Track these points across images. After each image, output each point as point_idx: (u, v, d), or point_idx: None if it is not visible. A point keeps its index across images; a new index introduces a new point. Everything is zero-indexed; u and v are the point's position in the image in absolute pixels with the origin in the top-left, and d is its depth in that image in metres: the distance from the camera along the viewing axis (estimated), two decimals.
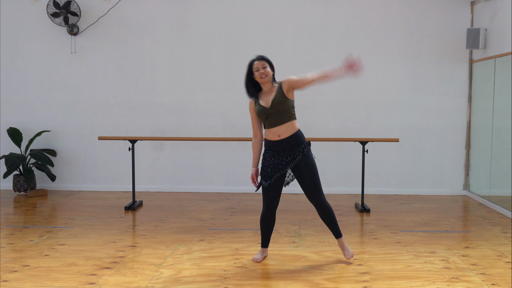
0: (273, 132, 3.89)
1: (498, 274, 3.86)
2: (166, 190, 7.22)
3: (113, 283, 3.62)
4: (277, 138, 3.88)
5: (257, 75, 3.87)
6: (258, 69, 3.87)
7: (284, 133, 3.87)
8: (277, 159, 3.90)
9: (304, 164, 3.89)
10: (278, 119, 3.86)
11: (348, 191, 7.04)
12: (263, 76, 3.86)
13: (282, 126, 3.87)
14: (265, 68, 3.87)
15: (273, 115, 3.86)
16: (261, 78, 3.86)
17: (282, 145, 3.88)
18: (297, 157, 3.88)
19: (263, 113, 3.88)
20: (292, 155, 3.89)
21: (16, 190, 6.96)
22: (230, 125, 7.07)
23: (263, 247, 4.20)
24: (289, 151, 3.89)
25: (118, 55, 7.14)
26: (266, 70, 3.87)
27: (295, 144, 3.90)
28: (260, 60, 3.89)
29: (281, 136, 3.87)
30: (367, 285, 3.63)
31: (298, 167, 3.90)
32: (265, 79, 3.87)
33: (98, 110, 7.20)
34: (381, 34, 6.96)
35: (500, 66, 6.06)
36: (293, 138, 3.90)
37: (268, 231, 4.14)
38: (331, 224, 4.08)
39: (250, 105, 4.00)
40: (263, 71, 3.86)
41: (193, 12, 7.04)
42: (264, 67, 3.87)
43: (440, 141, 7.05)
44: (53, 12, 6.90)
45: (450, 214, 5.93)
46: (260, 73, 3.86)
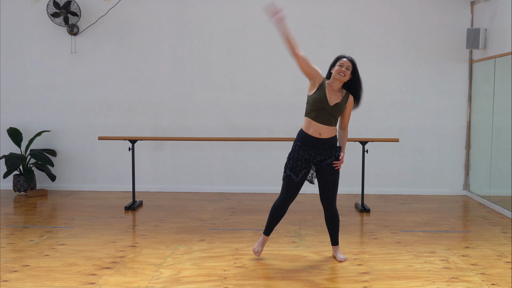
0: (316, 128, 3.92)
1: (498, 274, 3.86)
2: (166, 190, 7.22)
3: (113, 283, 3.62)
4: (317, 136, 3.93)
5: (337, 69, 3.91)
6: (342, 66, 3.91)
7: (326, 133, 3.94)
8: (309, 155, 3.95)
9: (331, 168, 3.98)
10: (327, 119, 3.92)
11: (348, 191, 7.04)
12: (342, 74, 3.90)
13: (327, 127, 3.93)
14: (348, 70, 3.92)
15: (326, 113, 3.90)
16: (338, 74, 3.90)
17: (319, 143, 3.94)
18: (328, 159, 3.97)
19: (320, 103, 3.89)
20: (325, 155, 3.96)
21: (16, 190, 6.96)
22: (230, 125, 7.07)
23: (265, 235, 4.20)
24: (323, 150, 3.95)
25: (118, 55, 7.14)
26: (348, 72, 3.92)
27: (330, 146, 3.98)
28: (349, 61, 3.94)
29: (322, 135, 3.93)
30: (367, 285, 3.63)
31: (324, 169, 3.98)
32: (341, 78, 3.91)
33: (98, 110, 7.20)
34: (381, 34, 6.96)
35: (500, 66, 6.06)
36: (331, 141, 3.98)
37: (276, 221, 4.15)
38: (333, 231, 4.17)
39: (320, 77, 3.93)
40: (345, 71, 3.91)
41: (193, 12, 7.04)
42: (347, 68, 3.92)
43: (440, 141, 7.05)
44: (53, 12, 6.90)
45: (450, 214, 5.93)
46: (342, 71, 3.90)
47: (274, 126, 7.04)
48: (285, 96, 7.04)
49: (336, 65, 3.96)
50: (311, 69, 3.94)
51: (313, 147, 3.94)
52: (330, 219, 4.12)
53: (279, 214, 4.11)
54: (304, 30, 6.96)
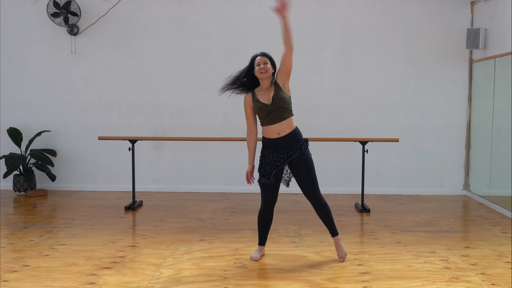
0: (272, 130, 3.91)
1: (498, 274, 3.86)
2: (166, 190, 7.22)
3: (113, 283, 3.62)
4: (276, 136, 3.91)
5: (257, 70, 3.92)
6: (259, 64, 3.92)
7: (283, 130, 3.91)
8: (275, 156, 3.94)
9: (302, 161, 3.93)
10: (278, 116, 3.89)
11: (348, 191, 7.04)
12: (263, 71, 3.90)
13: (282, 123, 3.90)
14: (266, 64, 3.92)
15: (274, 112, 3.89)
16: (260, 73, 3.91)
17: (281, 142, 3.92)
18: (294, 154, 3.92)
19: (264, 110, 3.90)
20: (290, 152, 3.93)
21: (16, 190, 6.96)
22: (230, 125, 7.07)
23: (260, 245, 4.22)
24: (287, 148, 3.92)
25: (118, 55, 7.14)
26: (267, 66, 3.92)
27: (294, 141, 3.94)
28: (262, 56, 3.96)
29: (280, 133, 3.91)
30: (367, 285, 3.63)
31: (295, 163, 3.94)
32: (264, 75, 3.91)
33: (98, 110, 7.20)
34: (381, 34, 6.96)
35: (500, 66, 6.06)
36: (292, 136, 3.93)
37: (265, 229, 4.17)
38: (327, 221, 4.12)
39: (246, 101, 4.02)
40: (264, 67, 3.90)
41: (193, 12, 7.04)
42: (265, 63, 3.92)
43: (440, 141, 7.05)
44: (53, 12, 6.90)
45: (450, 214, 5.93)
46: (261, 68, 3.90)
47: None
48: None
49: (254, 67, 3.95)
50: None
51: (276, 148, 3.93)
52: (320, 211, 4.07)
53: (265, 222, 4.13)
54: (304, 30, 6.96)
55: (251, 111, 4.02)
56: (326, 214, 4.08)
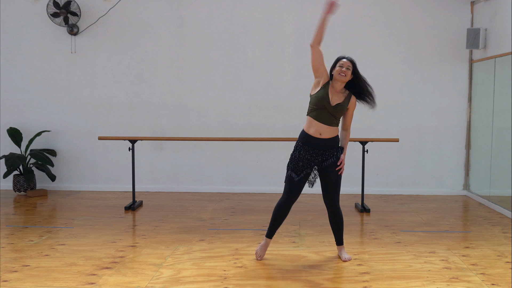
0: (317, 128, 3.93)
1: (498, 274, 3.86)
2: (166, 190, 7.22)
3: (113, 283, 3.62)
4: (318, 136, 3.94)
5: (338, 70, 3.94)
6: (343, 67, 3.94)
7: (326, 133, 3.94)
8: (311, 155, 3.95)
9: (333, 168, 3.98)
10: (329, 119, 3.93)
11: (348, 191, 7.04)
12: (343, 75, 3.92)
13: (328, 127, 3.94)
14: (348, 70, 3.94)
15: (327, 113, 3.92)
16: (339, 74, 3.93)
17: (320, 143, 3.94)
18: (330, 159, 3.97)
19: (322, 103, 3.90)
20: (326, 155, 3.96)
21: (16, 190, 6.96)
22: (230, 125, 7.07)
23: (267, 238, 4.19)
24: (324, 150, 3.95)
25: (118, 55, 7.14)
26: (348, 72, 3.94)
27: (332, 146, 3.98)
28: (349, 61, 3.97)
29: (322, 135, 3.94)
30: (367, 285, 3.63)
31: (326, 169, 3.98)
32: (342, 79, 3.93)
33: (98, 110, 7.19)
34: (381, 34, 6.96)
35: (500, 66, 6.06)
36: (332, 141, 3.98)
37: (278, 222, 4.15)
38: (337, 231, 4.18)
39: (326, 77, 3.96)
40: (345, 71, 3.93)
41: (193, 12, 7.04)
42: (348, 68, 3.94)
43: (440, 141, 7.05)
44: (53, 12, 6.90)
45: (450, 214, 5.93)
46: (342, 71, 3.93)
47: (274, 126, 7.04)
48: (285, 96, 7.04)
49: (336, 66, 3.98)
50: (322, 66, 3.98)
51: (314, 147, 3.94)
52: (334, 220, 4.13)
53: (281, 215, 4.11)
54: (304, 30, 6.96)
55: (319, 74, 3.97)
56: (339, 224, 4.15)
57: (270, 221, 4.17)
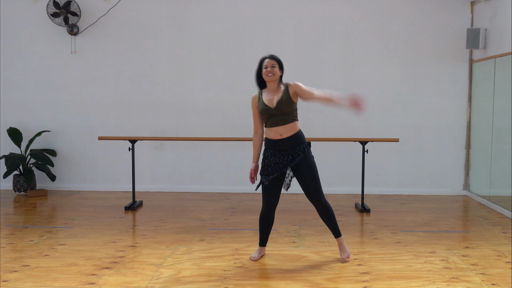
0: (275, 131, 3.92)
1: (498, 274, 3.86)
2: (166, 190, 7.22)
3: (113, 283, 3.62)
4: (279, 137, 3.91)
5: (264, 72, 3.94)
6: (267, 67, 3.93)
7: (286, 132, 3.91)
8: (278, 158, 3.93)
9: (305, 164, 3.93)
10: (281, 120, 3.90)
11: (348, 191, 7.04)
12: (270, 74, 3.92)
13: (284, 126, 3.91)
14: (274, 68, 3.93)
15: (276, 116, 3.90)
16: (267, 76, 3.93)
17: (283, 144, 3.91)
18: (298, 157, 3.92)
19: (266, 113, 3.92)
20: (293, 154, 3.92)
21: (16, 190, 6.96)
22: (230, 125, 7.07)
23: (260, 246, 4.22)
24: (290, 150, 3.92)
25: (118, 55, 7.14)
26: (274, 70, 3.93)
27: (296, 143, 3.93)
28: (270, 59, 3.97)
29: (283, 135, 3.91)
30: (367, 285, 3.63)
31: (298, 166, 3.93)
32: (271, 78, 3.93)
33: (98, 110, 7.19)
34: (381, 34, 6.96)
35: (500, 66, 6.06)
36: (295, 138, 3.93)
37: (266, 231, 4.17)
38: (330, 223, 4.12)
39: (253, 101, 4.04)
40: (271, 70, 3.92)
41: (193, 12, 7.04)
42: (273, 66, 3.93)
43: (440, 141, 7.05)
44: (53, 12, 6.90)
45: (450, 214, 5.93)
46: (268, 71, 3.92)
47: None
48: None
49: (262, 69, 3.98)
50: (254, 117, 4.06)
51: (279, 149, 3.93)
52: (323, 214, 4.07)
53: (267, 224, 4.13)
54: (304, 30, 6.96)
55: (256, 110, 4.04)
56: (329, 217, 4.09)
57: (259, 231, 4.19)
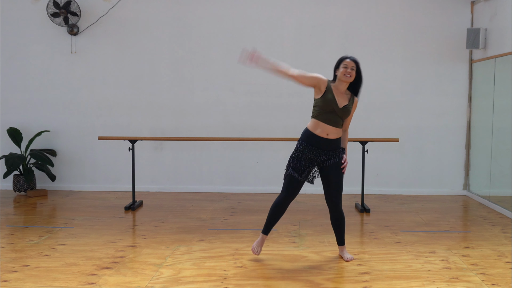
0: (324, 128, 3.93)
1: (498, 274, 3.86)
2: (166, 190, 7.22)
3: (113, 283, 3.62)
4: (325, 136, 3.94)
5: (342, 71, 3.92)
6: (347, 67, 3.92)
7: (333, 134, 3.96)
8: (314, 155, 3.96)
9: (336, 168, 3.99)
10: (337, 122, 3.95)
11: (348, 191, 7.00)
12: (347, 76, 3.91)
13: (335, 129, 3.96)
14: (353, 70, 3.93)
15: (335, 115, 3.93)
16: (344, 75, 3.92)
17: (325, 144, 3.95)
18: (332, 159, 3.98)
19: (330, 105, 3.89)
20: (329, 155, 3.98)
21: (16, 190, 6.96)
22: (230, 125, 7.07)
23: (263, 234, 4.20)
24: (327, 151, 3.96)
25: (118, 55, 7.14)
26: (353, 72, 3.93)
27: (336, 147, 4.00)
28: (353, 61, 3.94)
29: (329, 135, 3.94)
30: (367, 285, 3.63)
31: (328, 169, 3.99)
32: (347, 79, 3.92)
33: (98, 110, 7.19)
34: (381, 34, 6.96)
35: (500, 66, 6.06)
36: (337, 141, 4.01)
37: (275, 219, 4.14)
38: (339, 231, 4.18)
39: (323, 81, 3.91)
40: (350, 72, 3.92)
41: (193, 12, 7.04)
42: (352, 69, 3.93)
43: (440, 141, 7.05)
44: (53, 12, 6.90)
45: (450, 214, 5.93)
46: (347, 72, 3.91)
47: (274, 126, 7.03)
48: (285, 96, 7.04)
49: (340, 66, 3.96)
50: (311, 80, 3.93)
51: (319, 147, 3.95)
52: (336, 220, 4.13)
53: (278, 213, 4.11)
54: (304, 30, 6.96)
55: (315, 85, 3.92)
56: (341, 225, 4.15)
57: (266, 218, 4.17)
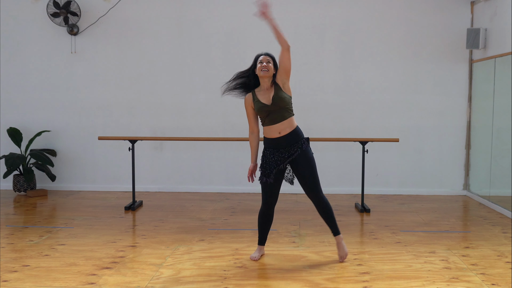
0: (273, 129, 3.92)
1: (498, 274, 3.86)
2: (166, 190, 7.22)
3: (113, 283, 3.62)
4: (277, 135, 3.92)
5: (259, 67, 3.93)
6: (262, 62, 3.93)
7: (284, 130, 3.92)
8: (277, 156, 3.95)
9: (303, 160, 3.94)
10: (279, 116, 3.90)
11: (348, 191, 7.04)
12: (264, 70, 3.91)
13: (282, 123, 3.91)
14: (269, 63, 3.93)
15: (274, 112, 3.90)
16: (261, 71, 3.92)
17: (282, 141, 3.92)
18: (295, 153, 3.93)
19: (264, 110, 3.91)
20: (291, 150, 3.93)
21: (16, 190, 6.96)
22: (230, 125, 7.07)
23: (260, 245, 4.22)
24: (288, 147, 3.93)
25: (118, 55, 7.14)
26: (269, 65, 3.92)
27: (295, 140, 3.95)
28: (265, 55, 3.97)
29: (281, 133, 3.92)
30: (367, 285, 3.63)
31: (296, 162, 3.95)
32: (265, 73, 3.91)
33: (98, 110, 7.19)
34: (381, 34, 6.96)
35: (500, 66, 6.06)
36: (293, 135, 3.95)
37: (265, 229, 4.17)
38: (329, 220, 4.11)
39: (247, 101, 4.04)
40: (266, 65, 3.91)
41: (193, 12, 7.04)
42: (268, 62, 3.93)
43: (440, 141, 7.05)
44: (53, 12, 6.90)
45: (450, 214, 5.93)
46: (263, 66, 3.91)
47: None
48: None
49: (257, 64, 3.97)
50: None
51: (277, 147, 3.94)
52: (321, 210, 4.07)
53: (266, 222, 4.14)
54: (304, 30, 6.96)
55: (251, 110, 4.04)
56: (328, 213, 4.08)
57: (258, 229, 4.20)
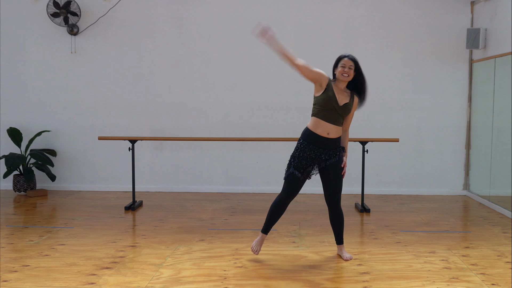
0: (325, 127, 3.93)
1: (498, 274, 3.86)
2: (166, 190, 7.22)
3: (113, 283, 3.62)
4: (326, 135, 3.94)
5: (340, 71, 3.93)
6: (345, 66, 3.92)
7: (333, 133, 3.96)
8: (315, 154, 3.96)
9: (336, 167, 4.00)
10: (336, 119, 3.94)
11: (348, 191, 7.02)
12: (345, 75, 3.92)
13: (335, 126, 3.95)
14: (351, 69, 3.93)
15: (336, 113, 3.92)
16: (342, 75, 3.92)
17: (326, 143, 3.95)
18: (332, 158, 3.98)
19: (330, 103, 3.88)
20: (329, 154, 3.98)
21: (16, 190, 6.96)
22: (230, 125, 7.07)
23: (263, 233, 4.19)
24: (328, 150, 3.97)
25: (118, 55, 7.14)
26: (351, 71, 3.93)
27: (336, 146, 4.00)
28: (351, 60, 3.95)
29: (330, 134, 3.95)
30: (367, 285, 3.63)
31: (329, 168, 3.99)
32: (345, 79, 3.93)
33: (98, 110, 7.19)
34: (381, 34, 6.96)
35: (500, 66, 6.06)
36: (337, 141, 4.01)
37: (275, 218, 4.14)
38: (338, 230, 4.20)
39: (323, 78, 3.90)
40: (348, 71, 3.92)
41: (193, 12, 7.04)
42: (350, 68, 3.93)
43: (440, 141, 7.05)
44: (53, 12, 6.90)
45: (450, 214, 5.93)
46: (345, 71, 3.92)
47: (274, 126, 7.04)
48: (285, 96, 7.05)
49: (338, 66, 3.97)
50: (314, 74, 3.92)
51: (319, 146, 3.95)
52: (335, 219, 4.15)
53: (278, 212, 4.11)
54: (304, 30, 6.96)
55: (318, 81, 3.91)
56: (340, 224, 4.17)
57: (266, 218, 4.17)
